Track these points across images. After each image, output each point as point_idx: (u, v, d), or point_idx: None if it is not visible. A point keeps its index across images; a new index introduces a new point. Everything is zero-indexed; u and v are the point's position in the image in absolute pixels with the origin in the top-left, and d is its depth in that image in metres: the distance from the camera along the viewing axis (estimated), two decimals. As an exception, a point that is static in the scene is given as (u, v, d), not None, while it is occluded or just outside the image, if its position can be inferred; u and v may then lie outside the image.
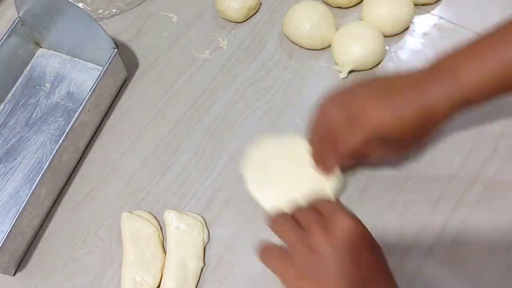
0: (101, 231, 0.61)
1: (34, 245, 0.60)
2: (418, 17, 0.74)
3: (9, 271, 0.58)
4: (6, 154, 0.66)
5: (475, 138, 0.64)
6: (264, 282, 0.57)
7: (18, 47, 0.69)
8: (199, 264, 0.57)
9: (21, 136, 0.67)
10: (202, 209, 0.61)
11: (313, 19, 0.70)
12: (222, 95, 0.69)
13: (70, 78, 0.71)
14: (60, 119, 0.68)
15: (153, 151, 0.66)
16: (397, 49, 0.72)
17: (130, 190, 0.63)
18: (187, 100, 0.69)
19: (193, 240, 0.58)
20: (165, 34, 0.75)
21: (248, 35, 0.74)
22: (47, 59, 0.73)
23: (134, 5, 0.77)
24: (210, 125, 0.67)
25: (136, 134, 0.67)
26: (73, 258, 0.60)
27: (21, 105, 0.69)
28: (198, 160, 0.65)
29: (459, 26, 0.73)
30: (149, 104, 0.69)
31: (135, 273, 0.57)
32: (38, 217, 0.60)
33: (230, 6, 0.73)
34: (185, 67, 0.72)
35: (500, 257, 0.57)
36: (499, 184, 0.52)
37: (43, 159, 0.65)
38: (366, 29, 0.69)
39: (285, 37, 0.73)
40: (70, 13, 0.63)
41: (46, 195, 0.60)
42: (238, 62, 0.72)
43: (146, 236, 0.58)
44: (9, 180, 0.64)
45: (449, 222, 0.58)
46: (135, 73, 0.72)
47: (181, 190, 0.63)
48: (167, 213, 0.59)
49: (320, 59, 0.72)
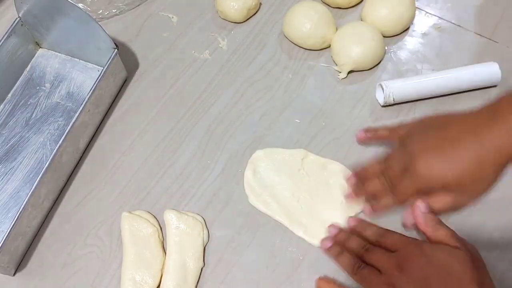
0: (101, 231, 0.61)
1: (34, 245, 0.60)
2: (417, 17, 0.74)
3: (9, 271, 0.58)
4: (6, 154, 0.66)
5: (475, 138, 0.64)
6: (264, 282, 0.57)
7: (18, 47, 0.69)
8: (199, 264, 0.57)
9: (21, 136, 0.67)
10: (202, 209, 0.61)
11: (313, 19, 0.70)
12: (222, 95, 0.69)
13: (70, 78, 0.71)
14: (60, 119, 0.68)
15: (153, 151, 0.66)
16: (396, 49, 0.72)
17: (130, 190, 0.63)
18: (187, 100, 0.69)
19: (193, 240, 0.58)
20: (165, 34, 0.75)
21: (248, 35, 0.74)
22: (47, 59, 0.73)
23: (134, 5, 0.77)
24: (210, 125, 0.67)
25: (136, 134, 0.67)
26: (73, 258, 0.59)
27: (21, 105, 0.69)
28: (198, 160, 0.65)
29: (459, 26, 0.73)
30: (149, 104, 0.69)
31: (135, 273, 0.57)
32: (38, 217, 0.60)
33: (230, 7, 0.73)
34: (185, 67, 0.72)
35: (500, 256, 0.57)
36: (499, 184, 0.52)
37: (43, 159, 0.65)
38: (365, 29, 0.69)
39: (285, 37, 0.73)
40: (70, 13, 0.63)
41: (46, 195, 0.60)
42: (238, 62, 0.72)
43: (146, 236, 0.58)
44: (9, 180, 0.64)
45: (449, 221, 0.58)
46: (135, 73, 0.72)
47: (181, 190, 0.63)
48: (167, 213, 0.59)
49: (320, 59, 0.72)
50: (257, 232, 0.60)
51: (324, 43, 0.71)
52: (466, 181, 0.49)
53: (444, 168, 0.50)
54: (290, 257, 0.58)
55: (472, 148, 0.49)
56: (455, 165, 0.49)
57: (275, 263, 0.58)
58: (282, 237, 0.59)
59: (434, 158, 0.50)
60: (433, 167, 0.50)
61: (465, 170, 0.49)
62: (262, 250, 0.59)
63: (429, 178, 0.50)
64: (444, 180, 0.50)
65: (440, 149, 0.50)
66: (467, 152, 0.49)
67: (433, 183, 0.50)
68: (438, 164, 0.50)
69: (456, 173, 0.49)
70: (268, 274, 0.58)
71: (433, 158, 0.50)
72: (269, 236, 0.60)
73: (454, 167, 0.49)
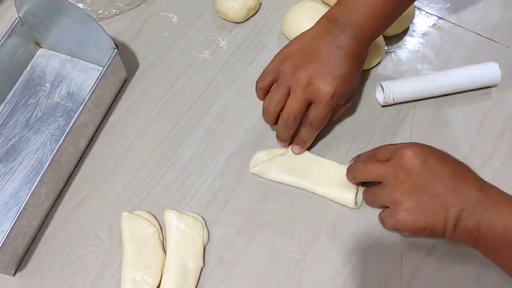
0: (101, 231, 0.61)
1: (34, 245, 0.60)
2: (417, 17, 0.74)
3: (9, 271, 0.58)
4: (6, 154, 0.66)
5: (475, 138, 0.64)
6: (264, 282, 0.57)
7: (18, 47, 0.69)
8: (199, 264, 0.57)
9: (21, 136, 0.67)
10: (202, 209, 0.61)
11: (313, 19, 0.70)
12: (222, 95, 0.69)
13: (70, 78, 0.71)
14: (60, 119, 0.68)
15: (153, 151, 0.66)
16: (396, 49, 0.72)
17: (130, 190, 0.63)
18: (187, 100, 0.69)
19: (193, 240, 0.58)
20: (165, 34, 0.75)
21: (248, 35, 0.74)
22: (47, 59, 0.73)
23: (134, 5, 0.77)
24: (210, 125, 0.67)
25: (136, 134, 0.67)
26: (73, 258, 0.59)
27: (21, 105, 0.69)
28: (198, 160, 0.65)
29: (459, 26, 0.73)
30: (149, 104, 0.69)
31: (135, 273, 0.57)
32: (38, 217, 0.60)
33: (230, 7, 0.73)
34: (185, 67, 0.72)
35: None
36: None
37: (43, 159, 0.65)
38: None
39: (285, 38, 0.73)
40: (70, 13, 0.63)
41: (46, 195, 0.60)
42: (238, 62, 0.72)
43: (146, 236, 0.58)
44: (9, 180, 0.64)
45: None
46: (135, 73, 0.72)
47: (181, 190, 0.63)
48: (167, 213, 0.59)
49: (320, 59, 0.72)
50: (257, 232, 0.60)
51: (324, 43, 0.71)
52: (345, 81, 0.58)
53: (324, 80, 0.57)
54: (290, 257, 0.58)
55: (337, 52, 0.58)
56: (333, 76, 0.57)
57: (275, 263, 0.58)
58: (282, 237, 0.59)
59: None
60: (319, 84, 0.57)
61: (340, 74, 0.57)
62: (262, 250, 0.59)
63: (323, 95, 0.57)
64: (330, 90, 0.57)
65: (310, 62, 0.58)
66: (338, 62, 0.58)
67: (322, 98, 0.58)
68: (318, 79, 0.57)
69: (337, 80, 0.57)
70: (268, 274, 0.58)
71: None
72: (269, 236, 0.60)
73: (332, 78, 0.57)
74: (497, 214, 0.49)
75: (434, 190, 0.52)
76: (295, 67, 0.58)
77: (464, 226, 0.50)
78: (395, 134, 0.65)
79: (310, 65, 0.58)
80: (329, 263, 0.58)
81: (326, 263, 0.58)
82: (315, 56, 0.58)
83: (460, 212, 0.50)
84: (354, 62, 0.59)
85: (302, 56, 0.59)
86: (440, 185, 0.52)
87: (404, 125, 0.66)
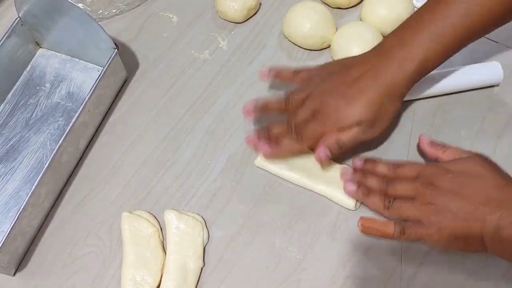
0: (101, 231, 0.61)
1: (34, 245, 0.60)
2: (418, 17, 0.74)
3: (9, 271, 0.58)
4: (6, 154, 0.66)
5: (475, 137, 0.64)
6: (264, 282, 0.57)
7: (18, 47, 0.69)
8: (199, 264, 0.57)
9: (21, 136, 0.67)
10: (202, 209, 0.61)
11: (313, 19, 0.70)
12: (222, 95, 0.69)
13: (70, 78, 0.71)
14: (60, 119, 0.68)
15: (153, 151, 0.66)
16: (397, 49, 0.72)
17: (130, 190, 0.63)
18: (187, 100, 0.69)
19: (193, 240, 0.58)
20: (165, 34, 0.75)
21: (248, 35, 0.74)
22: (47, 59, 0.73)
23: (134, 5, 0.77)
24: (210, 125, 0.67)
25: (136, 134, 0.67)
26: (73, 258, 0.59)
27: (21, 105, 0.69)
28: (198, 160, 0.65)
29: (459, 26, 0.73)
30: (149, 104, 0.69)
31: (135, 273, 0.57)
32: (38, 217, 0.60)
33: (230, 7, 0.73)
34: (185, 67, 0.72)
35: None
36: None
37: (43, 159, 0.65)
38: (365, 29, 0.69)
39: (285, 38, 0.73)
40: (70, 13, 0.63)
41: (46, 195, 0.60)
42: (238, 62, 0.72)
43: (146, 236, 0.58)
44: (9, 180, 0.64)
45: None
46: (135, 73, 0.72)
47: (181, 190, 0.63)
48: (167, 213, 0.59)
49: (319, 59, 0.72)
50: (257, 232, 0.60)
51: (324, 43, 0.71)
52: (371, 116, 0.56)
53: (351, 109, 0.56)
54: (290, 257, 0.58)
55: (371, 87, 0.56)
56: (360, 105, 0.56)
57: (275, 263, 0.58)
58: (282, 237, 0.59)
59: (341, 101, 0.56)
60: (341, 110, 0.56)
61: (369, 107, 0.56)
62: (262, 250, 0.59)
63: (338, 120, 0.56)
64: (351, 120, 0.56)
65: (345, 92, 0.56)
66: (368, 91, 0.56)
67: (342, 124, 0.56)
68: (345, 107, 0.56)
69: (362, 111, 0.56)
70: (268, 274, 0.58)
71: (340, 101, 0.56)
72: (269, 236, 0.60)
73: (359, 107, 0.56)
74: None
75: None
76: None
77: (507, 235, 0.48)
78: (395, 133, 0.65)
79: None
80: (329, 263, 0.58)
81: (326, 263, 0.58)
82: None
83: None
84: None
85: None
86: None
87: (404, 125, 0.66)
